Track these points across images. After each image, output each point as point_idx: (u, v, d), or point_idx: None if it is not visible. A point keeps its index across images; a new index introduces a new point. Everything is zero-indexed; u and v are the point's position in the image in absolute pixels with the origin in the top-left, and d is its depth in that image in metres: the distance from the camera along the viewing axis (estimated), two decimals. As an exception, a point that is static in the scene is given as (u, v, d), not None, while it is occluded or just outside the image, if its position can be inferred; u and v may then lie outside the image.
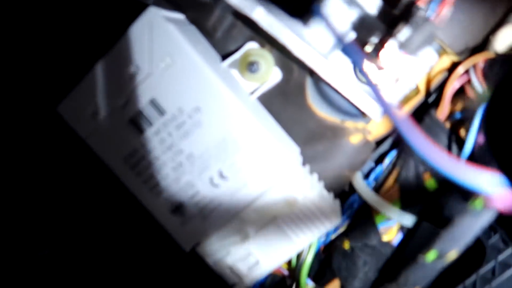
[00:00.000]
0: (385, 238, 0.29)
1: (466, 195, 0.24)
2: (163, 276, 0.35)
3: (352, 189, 0.31)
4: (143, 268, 0.35)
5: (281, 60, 0.27)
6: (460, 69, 0.26)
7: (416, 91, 0.27)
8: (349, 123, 0.28)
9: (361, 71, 0.22)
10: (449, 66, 0.27)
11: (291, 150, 0.28)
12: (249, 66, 0.27)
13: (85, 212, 0.35)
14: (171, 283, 0.35)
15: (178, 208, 0.28)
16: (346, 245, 0.30)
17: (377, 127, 0.28)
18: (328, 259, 0.31)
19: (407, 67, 0.25)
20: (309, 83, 0.28)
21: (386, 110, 0.13)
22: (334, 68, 0.25)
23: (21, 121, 0.33)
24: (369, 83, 0.17)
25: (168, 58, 0.25)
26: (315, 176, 0.29)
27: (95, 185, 0.34)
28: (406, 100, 0.28)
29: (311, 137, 0.28)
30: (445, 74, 0.27)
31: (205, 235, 0.28)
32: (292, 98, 0.28)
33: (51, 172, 0.34)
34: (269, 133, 0.26)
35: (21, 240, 0.35)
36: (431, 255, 0.24)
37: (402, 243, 0.28)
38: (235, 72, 0.27)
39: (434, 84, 0.28)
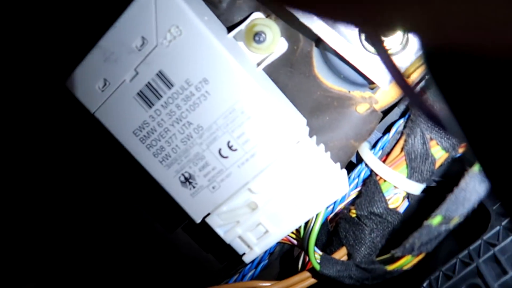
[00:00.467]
0: (392, 206, 0.29)
1: (470, 160, 0.25)
2: (173, 248, 0.36)
3: (359, 159, 0.31)
4: (154, 242, 0.36)
5: (287, 30, 0.27)
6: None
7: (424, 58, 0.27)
8: (356, 93, 0.28)
9: (369, 37, 0.22)
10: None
11: (297, 121, 0.28)
12: (255, 36, 0.27)
13: (95, 186, 0.35)
14: (182, 254, 0.36)
15: (187, 179, 0.28)
16: (353, 213, 0.30)
17: (384, 96, 0.28)
18: (335, 228, 0.32)
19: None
20: (315, 53, 0.28)
21: (395, 77, 0.13)
22: (341, 36, 0.25)
23: (30, 96, 0.34)
24: (377, 48, 0.17)
25: (174, 30, 0.25)
26: (322, 146, 0.29)
27: (105, 158, 0.34)
28: (413, 67, 0.27)
29: (318, 108, 0.29)
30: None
31: (215, 206, 0.29)
32: (299, 68, 0.28)
33: (61, 145, 0.35)
34: (276, 104, 0.26)
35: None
36: (436, 220, 0.24)
37: (408, 210, 0.29)
38: (241, 43, 0.27)
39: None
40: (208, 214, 0.29)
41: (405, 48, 0.25)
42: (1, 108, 0.34)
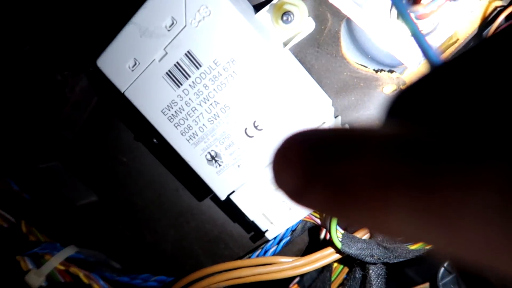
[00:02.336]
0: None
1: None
2: (200, 219, 0.37)
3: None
4: (179, 217, 0.37)
5: (315, 9, 0.27)
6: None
7: (454, 38, 0.27)
8: (383, 73, 0.28)
9: (403, 15, 0.21)
10: (491, 11, 0.26)
11: (323, 101, 0.28)
12: (283, 16, 0.26)
13: (121, 164, 0.37)
14: (208, 227, 0.37)
15: (213, 158, 0.29)
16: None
17: (412, 77, 0.28)
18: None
19: (445, 12, 0.24)
20: (343, 33, 0.27)
21: (430, 55, 0.13)
22: (370, 15, 0.25)
23: (62, 76, 0.34)
24: (411, 27, 0.16)
25: (203, 10, 0.25)
26: (347, 126, 0.29)
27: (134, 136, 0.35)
28: (443, 48, 0.27)
29: (344, 88, 0.29)
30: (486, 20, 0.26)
31: (240, 184, 0.30)
32: (326, 49, 0.28)
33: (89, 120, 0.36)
34: (302, 84, 0.26)
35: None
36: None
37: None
38: (268, 23, 0.27)
39: (474, 31, 0.27)
40: (233, 192, 0.30)
41: (436, 28, 0.25)
42: (33, 90, 0.35)
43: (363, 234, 0.31)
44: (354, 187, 0.08)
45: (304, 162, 0.09)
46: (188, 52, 0.26)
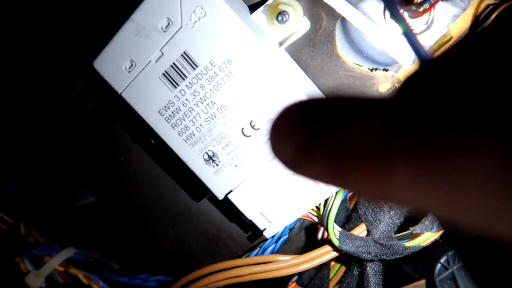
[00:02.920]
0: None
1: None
2: (198, 219, 0.37)
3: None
4: (177, 217, 0.37)
5: (310, 9, 0.27)
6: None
7: (448, 36, 0.27)
8: (378, 72, 0.28)
9: (395, 15, 0.22)
10: (483, 9, 0.27)
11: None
12: (278, 16, 0.27)
13: (119, 165, 0.37)
14: (205, 226, 0.37)
15: (211, 157, 0.29)
16: (373, 191, 0.31)
17: (407, 76, 0.28)
18: (354, 206, 0.33)
19: (438, 10, 0.25)
20: (338, 33, 0.28)
21: (420, 55, 0.14)
22: (365, 15, 0.25)
23: (57, 77, 0.35)
24: (403, 27, 0.17)
25: (199, 10, 0.25)
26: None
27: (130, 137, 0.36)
28: (437, 46, 0.27)
29: (340, 87, 0.29)
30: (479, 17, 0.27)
31: (237, 183, 0.30)
32: (321, 48, 0.28)
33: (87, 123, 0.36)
34: (298, 84, 0.26)
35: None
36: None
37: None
38: (264, 23, 0.27)
39: (467, 29, 0.27)
40: (231, 191, 0.30)
41: (430, 27, 0.25)
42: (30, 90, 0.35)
43: (360, 232, 0.31)
44: (355, 153, 0.08)
45: (303, 130, 0.09)
46: (184, 52, 0.26)
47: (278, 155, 0.09)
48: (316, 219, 0.33)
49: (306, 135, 0.09)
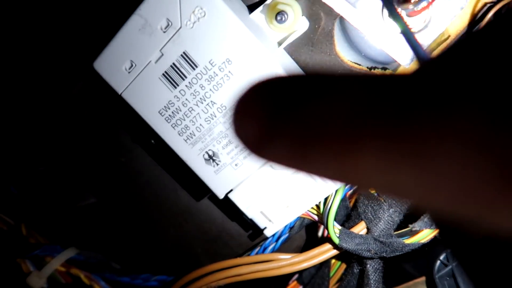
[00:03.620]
0: (410, 182, 0.30)
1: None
2: (198, 219, 0.37)
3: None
4: (178, 216, 0.37)
5: (308, 8, 0.27)
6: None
7: (446, 35, 0.27)
8: (377, 71, 0.28)
9: (392, 14, 0.22)
10: (480, 7, 0.27)
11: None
12: (277, 16, 0.27)
13: (120, 165, 0.37)
14: (206, 226, 0.37)
15: (211, 157, 0.29)
16: (372, 189, 0.31)
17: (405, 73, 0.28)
18: (354, 204, 0.33)
19: (436, 9, 0.25)
20: (336, 32, 0.28)
21: (419, 53, 0.14)
22: (363, 14, 0.25)
23: (56, 79, 0.35)
24: (401, 26, 0.17)
25: (198, 11, 0.25)
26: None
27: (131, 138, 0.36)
28: (434, 45, 0.27)
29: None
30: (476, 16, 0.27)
31: (238, 183, 0.30)
32: (320, 47, 0.28)
33: (87, 125, 0.36)
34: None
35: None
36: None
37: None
38: (262, 23, 0.28)
39: (464, 27, 0.27)
40: (231, 190, 0.30)
41: (428, 26, 0.25)
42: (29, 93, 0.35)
43: (360, 230, 0.32)
44: (322, 130, 0.07)
45: (266, 110, 0.08)
46: (184, 53, 0.26)
47: (241, 138, 0.09)
48: (316, 217, 0.33)
49: (270, 116, 0.08)
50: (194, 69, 0.27)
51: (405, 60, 0.26)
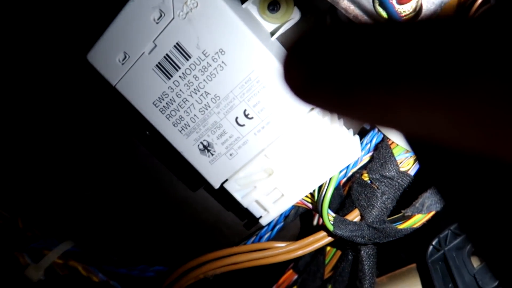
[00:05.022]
0: (403, 169, 0.30)
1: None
2: (195, 208, 0.37)
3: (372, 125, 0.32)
4: (176, 201, 0.38)
5: (300, -2, 0.28)
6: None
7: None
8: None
9: (383, 2, 0.22)
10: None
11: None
12: (269, 6, 0.27)
13: (115, 157, 0.37)
14: (202, 215, 0.37)
15: (206, 147, 0.30)
16: (365, 177, 0.31)
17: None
18: (348, 192, 0.33)
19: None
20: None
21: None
22: (353, 3, 0.25)
23: (51, 71, 0.35)
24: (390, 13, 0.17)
25: (190, 1, 0.25)
26: (335, 114, 0.30)
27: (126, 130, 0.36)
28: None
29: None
30: None
31: (233, 172, 0.30)
32: (312, 37, 0.28)
33: (82, 119, 0.36)
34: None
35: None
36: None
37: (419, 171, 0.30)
38: (255, 13, 0.28)
39: (455, 15, 0.28)
40: (226, 180, 0.31)
41: (418, 14, 0.26)
42: (25, 84, 0.35)
43: (353, 217, 0.32)
44: (363, 77, 0.08)
45: (313, 60, 0.09)
46: (177, 44, 0.26)
47: (287, 81, 0.10)
48: (310, 206, 0.33)
49: (316, 65, 0.09)
50: (187, 60, 0.27)
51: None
